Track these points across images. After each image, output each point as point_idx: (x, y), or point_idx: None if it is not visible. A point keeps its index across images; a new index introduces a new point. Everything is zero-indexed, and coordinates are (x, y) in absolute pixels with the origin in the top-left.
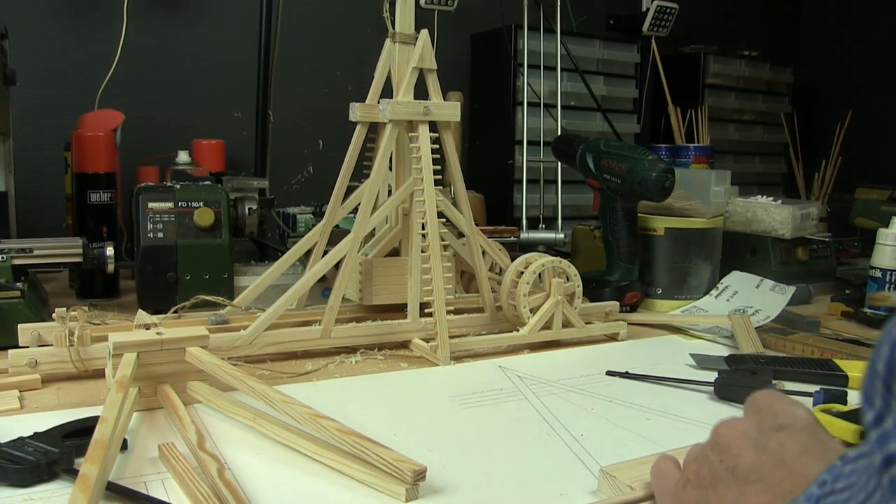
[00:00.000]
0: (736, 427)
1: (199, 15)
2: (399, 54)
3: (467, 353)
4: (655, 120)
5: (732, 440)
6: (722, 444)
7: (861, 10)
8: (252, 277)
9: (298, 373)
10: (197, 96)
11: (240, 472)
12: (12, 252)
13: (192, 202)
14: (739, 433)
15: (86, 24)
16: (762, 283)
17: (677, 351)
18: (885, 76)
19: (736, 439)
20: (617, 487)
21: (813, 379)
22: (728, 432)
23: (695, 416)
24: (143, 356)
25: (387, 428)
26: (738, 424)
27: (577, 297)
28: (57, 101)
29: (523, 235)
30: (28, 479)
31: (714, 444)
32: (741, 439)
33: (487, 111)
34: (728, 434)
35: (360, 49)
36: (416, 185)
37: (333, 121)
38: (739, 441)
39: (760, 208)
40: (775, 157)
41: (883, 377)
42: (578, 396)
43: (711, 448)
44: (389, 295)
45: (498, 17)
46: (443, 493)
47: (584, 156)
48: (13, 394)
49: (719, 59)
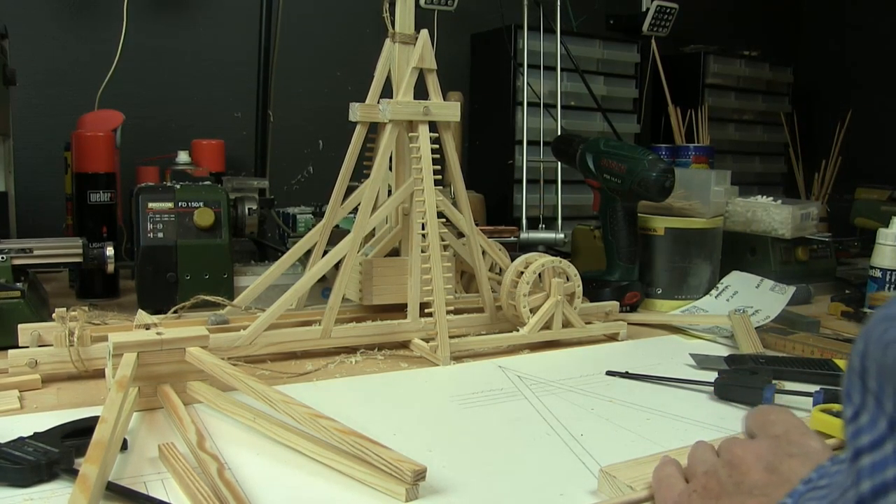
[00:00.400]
0: (752, 450)
1: (199, 15)
2: (399, 54)
3: (467, 353)
4: (655, 120)
5: (745, 461)
6: (735, 462)
7: (861, 9)
8: (252, 277)
9: (298, 373)
10: (197, 96)
11: (240, 472)
12: (12, 252)
13: (192, 202)
14: (754, 456)
15: (86, 24)
16: (762, 283)
17: (677, 351)
18: (886, 76)
19: (750, 461)
20: (617, 487)
21: (813, 379)
22: (743, 454)
23: (695, 416)
24: (143, 356)
25: (387, 428)
26: (754, 447)
27: (577, 297)
28: (57, 101)
29: (523, 235)
30: (28, 479)
31: (727, 461)
32: (755, 461)
33: (487, 111)
34: (743, 456)
35: (360, 49)
36: (416, 185)
37: (333, 121)
38: (753, 463)
39: (760, 208)
40: (775, 157)
41: (858, 371)
42: (578, 396)
43: (724, 465)
44: (389, 295)
45: (498, 17)
46: (443, 493)
47: (584, 156)
48: (13, 394)
49: (719, 59)
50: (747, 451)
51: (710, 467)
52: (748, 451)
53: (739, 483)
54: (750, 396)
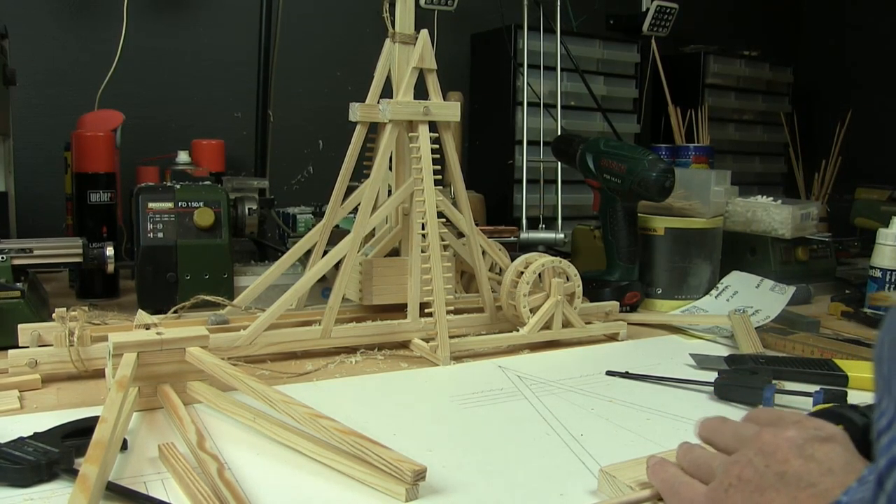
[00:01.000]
0: (780, 435)
1: (199, 15)
2: (399, 54)
3: (467, 353)
4: (655, 120)
5: (778, 447)
6: (768, 450)
7: (861, 9)
8: (252, 277)
9: (298, 373)
10: (197, 96)
11: (240, 472)
12: (12, 252)
13: (192, 202)
14: (785, 440)
15: (86, 24)
16: (762, 283)
17: (677, 351)
18: (886, 76)
19: (782, 446)
20: (617, 487)
21: (813, 379)
22: (773, 439)
23: (695, 416)
24: (143, 356)
25: (387, 428)
26: (783, 432)
27: (577, 297)
28: (57, 101)
29: (523, 235)
30: (28, 479)
31: (759, 449)
32: (788, 446)
33: (487, 111)
34: (774, 441)
35: (360, 49)
36: (416, 185)
37: (333, 121)
38: (786, 448)
39: (760, 208)
40: (775, 157)
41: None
42: (578, 396)
43: (756, 453)
44: (389, 295)
45: (498, 17)
46: (443, 493)
47: (584, 156)
48: (13, 394)
49: (719, 59)
50: (776, 437)
51: (738, 457)
52: (777, 437)
53: (782, 474)
54: (750, 396)
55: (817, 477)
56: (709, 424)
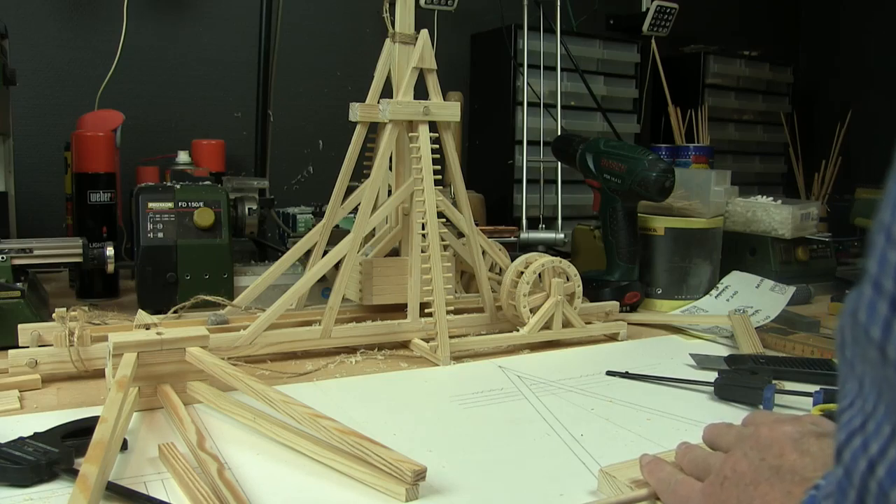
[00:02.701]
0: (778, 429)
1: (199, 15)
2: (399, 54)
3: (467, 353)
4: (655, 120)
5: (775, 440)
6: (764, 444)
7: (861, 9)
8: (252, 277)
9: (298, 373)
10: (197, 96)
11: (240, 472)
12: (12, 252)
13: (192, 202)
14: (783, 434)
15: (86, 24)
16: (762, 283)
17: (677, 351)
18: (885, 76)
19: (779, 440)
20: (617, 487)
21: (813, 379)
22: (771, 433)
23: (694, 416)
24: (143, 356)
25: (387, 428)
26: (780, 427)
27: (577, 297)
28: (57, 101)
29: (523, 235)
30: (28, 479)
31: (755, 442)
32: (784, 440)
33: (487, 111)
34: (770, 435)
35: (360, 49)
36: (416, 185)
37: (333, 121)
38: (783, 442)
39: (760, 208)
40: (775, 157)
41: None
42: (578, 396)
43: (752, 447)
44: (389, 295)
45: (498, 17)
46: (443, 493)
47: (584, 156)
48: (13, 394)
49: (719, 59)
50: (774, 430)
51: (733, 452)
52: (775, 430)
53: (777, 468)
54: (750, 396)
55: (812, 472)
56: (714, 429)
